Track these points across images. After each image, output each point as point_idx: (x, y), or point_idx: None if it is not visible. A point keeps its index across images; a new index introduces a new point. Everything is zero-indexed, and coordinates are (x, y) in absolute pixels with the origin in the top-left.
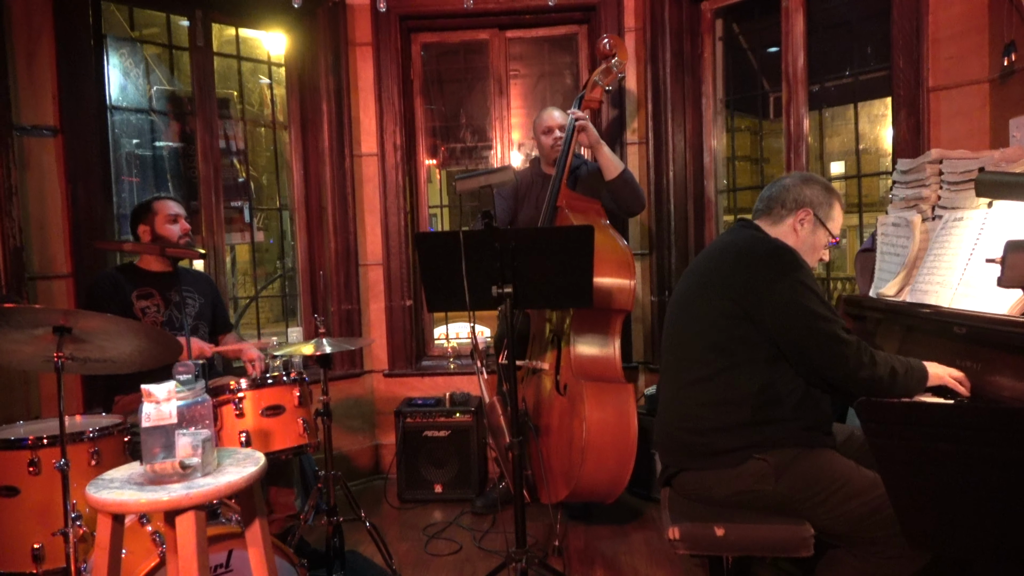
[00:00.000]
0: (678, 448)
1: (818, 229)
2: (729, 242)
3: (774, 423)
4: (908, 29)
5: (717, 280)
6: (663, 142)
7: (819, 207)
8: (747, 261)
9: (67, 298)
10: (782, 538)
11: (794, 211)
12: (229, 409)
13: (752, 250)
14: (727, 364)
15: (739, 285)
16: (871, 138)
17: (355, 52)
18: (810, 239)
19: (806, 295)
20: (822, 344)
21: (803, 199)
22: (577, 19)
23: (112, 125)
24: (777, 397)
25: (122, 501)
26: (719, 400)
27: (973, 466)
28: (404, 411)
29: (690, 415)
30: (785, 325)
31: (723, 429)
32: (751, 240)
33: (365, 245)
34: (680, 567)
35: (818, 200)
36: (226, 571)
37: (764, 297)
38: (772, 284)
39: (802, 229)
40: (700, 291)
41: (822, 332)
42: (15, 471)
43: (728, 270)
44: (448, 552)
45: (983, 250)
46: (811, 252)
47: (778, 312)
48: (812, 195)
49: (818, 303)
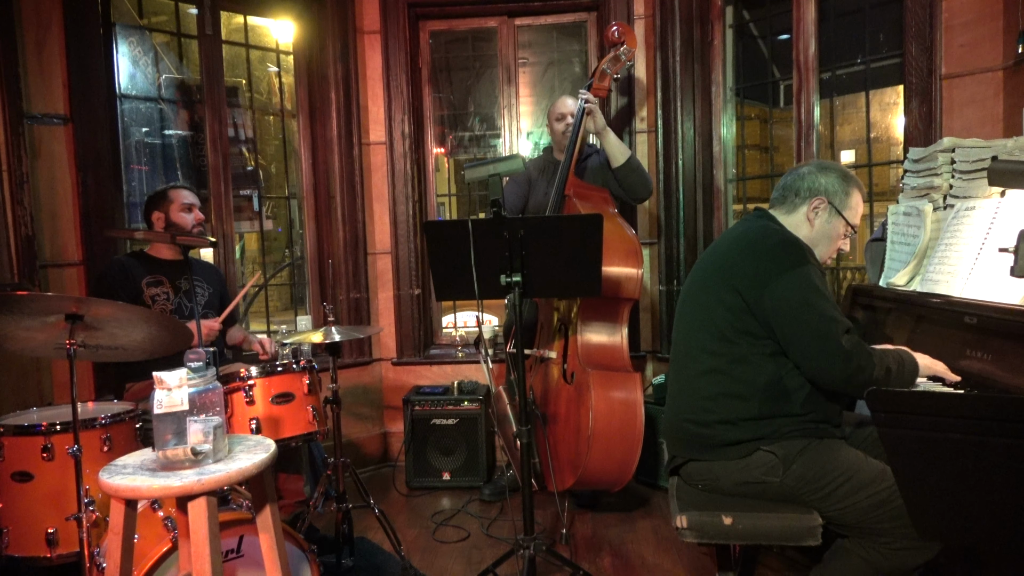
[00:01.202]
0: (685, 439)
1: (834, 218)
2: (740, 233)
3: (782, 416)
4: (921, 16)
5: (724, 271)
6: (672, 130)
7: (834, 195)
8: (754, 253)
9: (78, 286)
10: (790, 527)
11: (808, 200)
12: (240, 396)
13: (760, 242)
14: (734, 357)
15: (744, 277)
16: (882, 126)
17: (363, 40)
18: (825, 228)
19: (809, 291)
20: (819, 343)
21: (817, 187)
22: (586, 6)
23: (121, 113)
24: (785, 391)
25: (135, 487)
26: (726, 393)
27: (983, 456)
28: (412, 399)
29: (697, 407)
30: (784, 319)
31: (730, 422)
32: (761, 231)
33: (373, 233)
34: (687, 555)
35: (833, 188)
36: (237, 556)
37: (767, 290)
38: (776, 277)
39: (816, 218)
40: (708, 282)
41: (820, 331)
42: (29, 457)
43: (735, 262)
44: (456, 539)
45: (995, 239)
46: (827, 242)
47: (779, 306)
48: (827, 183)
49: (821, 300)
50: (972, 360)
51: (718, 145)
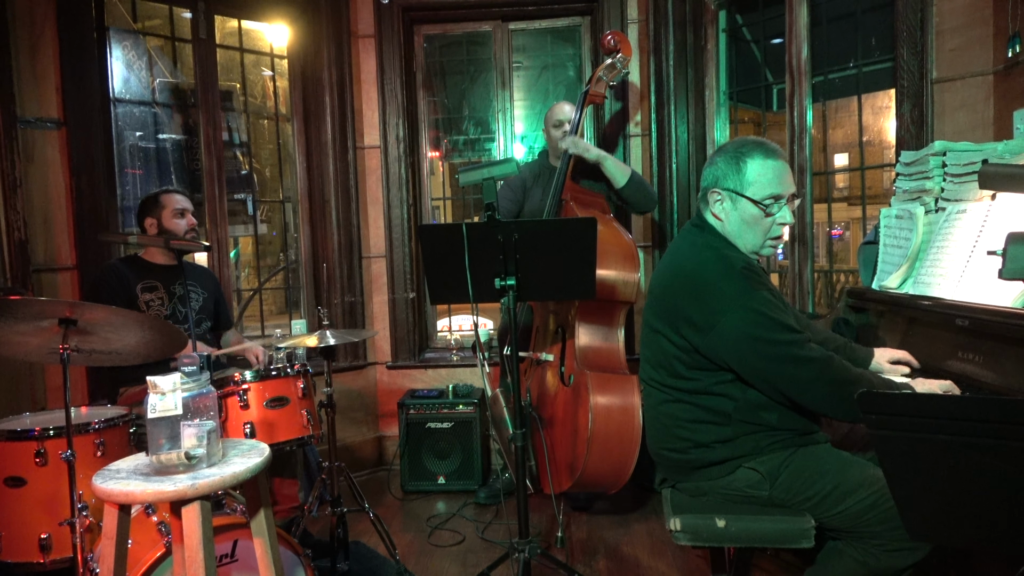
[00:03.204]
0: (668, 465)
1: (739, 203)
2: (678, 265)
3: (758, 433)
4: (912, 21)
5: (668, 313)
6: (666, 134)
7: (724, 179)
8: (690, 294)
9: (71, 290)
10: (783, 530)
11: (707, 195)
12: (234, 400)
13: (694, 278)
14: (695, 389)
15: (687, 322)
16: (875, 130)
17: (358, 44)
18: (736, 217)
19: (756, 324)
20: (784, 370)
21: (708, 179)
22: (580, 10)
23: (115, 117)
24: (758, 413)
25: (129, 491)
26: (697, 419)
27: (974, 457)
28: (407, 403)
29: (670, 435)
30: (742, 359)
31: (705, 445)
32: (694, 260)
33: (368, 237)
34: (682, 558)
35: (722, 172)
36: (231, 561)
37: (714, 336)
38: (718, 320)
39: (723, 211)
40: (656, 319)
41: (780, 356)
42: (22, 462)
43: (676, 304)
44: (451, 543)
45: (986, 242)
46: (750, 231)
47: (731, 349)
48: (714, 170)
49: (771, 328)
50: (963, 362)
51: (711, 148)
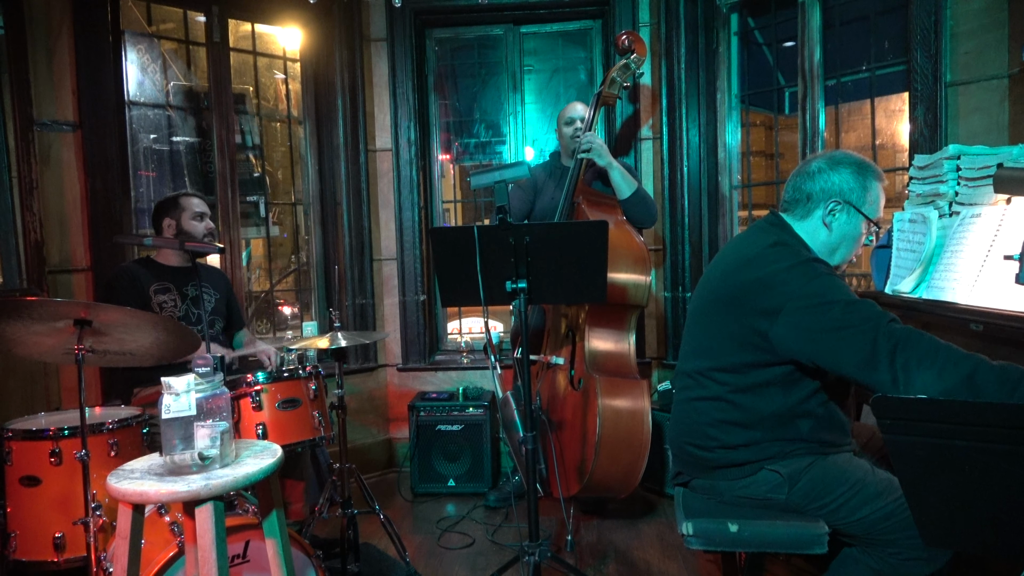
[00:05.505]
0: (688, 460)
1: (854, 217)
2: (750, 253)
3: (787, 440)
4: (926, 23)
5: (733, 298)
6: (677, 137)
7: (850, 193)
8: (762, 281)
9: (86, 291)
10: (796, 535)
11: (822, 203)
12: (247, 402)
13: (772, 266)
14: (740, 387)
15: (757, 312)
16: (888, 133)
17: (370, 47)
18: (846, 230)
19: (832, 288)
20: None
21: (830, 187)
22: (592, 14)
23: (130, 120)
24: (792, 419)
25: (142, 491)
26: (728, 421)
27: (991, 463)
28: (418, 405)
29: (699, 432)
30: (811, 334)
31: (732, 447)
32: (773, 252)
33: (379, 240)
34: (693, 562)
35: (848, 185)
36: (243, 561)
37: (783, 319)
38: (787, 303)
39: (834, 221)
40: (714, 308)
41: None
42: (37, 461)
43: (745, 291)
44: (461, 545)
45: (1001, 247)
46: (849, 244)
47: (802, 324)
48: (840, 181)
49: (845, 291)
50: None
51: (723, 152)
